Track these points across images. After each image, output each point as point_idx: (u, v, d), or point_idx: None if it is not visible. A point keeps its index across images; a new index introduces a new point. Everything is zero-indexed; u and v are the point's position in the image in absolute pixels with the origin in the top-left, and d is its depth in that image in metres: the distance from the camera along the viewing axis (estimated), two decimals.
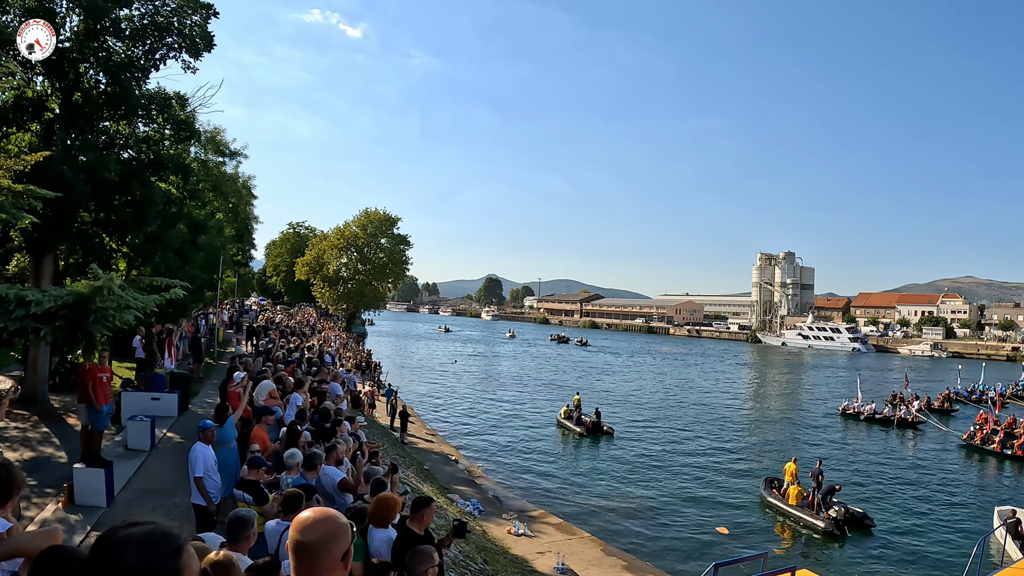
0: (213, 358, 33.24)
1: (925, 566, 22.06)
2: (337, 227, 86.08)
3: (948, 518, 27.55)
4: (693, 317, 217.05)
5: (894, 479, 33.44)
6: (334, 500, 9.22)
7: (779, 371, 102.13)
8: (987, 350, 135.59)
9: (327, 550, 2.70)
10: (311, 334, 47.97)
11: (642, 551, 21.75)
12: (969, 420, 48.95)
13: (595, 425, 40.14)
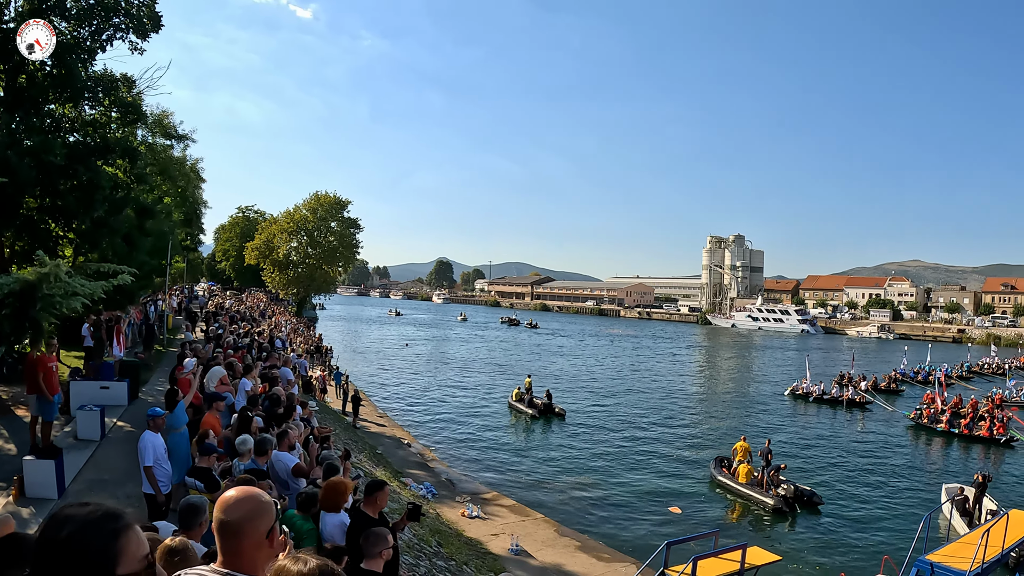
0: (163, 345, 32.87)
1: (873, 542, 22.49)
2: (287, 211, 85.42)
3: (896, 496, 28.09)
4: (644, 299, 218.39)
5: (843, 458, 34.04)
6: (288, 486, 9.24)
7: (729, 352, 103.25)
8: (933, 332, 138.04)
9: (252, 528, 2.74)
10: (261, 319, 47.66)
11: (595, 531, 21.98)
12: (915, 400, 49.92)
13: (547, 407, 40.43)
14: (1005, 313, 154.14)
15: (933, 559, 11.96)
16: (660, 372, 69.73)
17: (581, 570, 17.77)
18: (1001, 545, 12.20)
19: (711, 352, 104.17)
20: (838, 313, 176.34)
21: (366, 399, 37.50)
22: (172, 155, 48.24)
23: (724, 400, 54.07)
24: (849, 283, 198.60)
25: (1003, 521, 12.87)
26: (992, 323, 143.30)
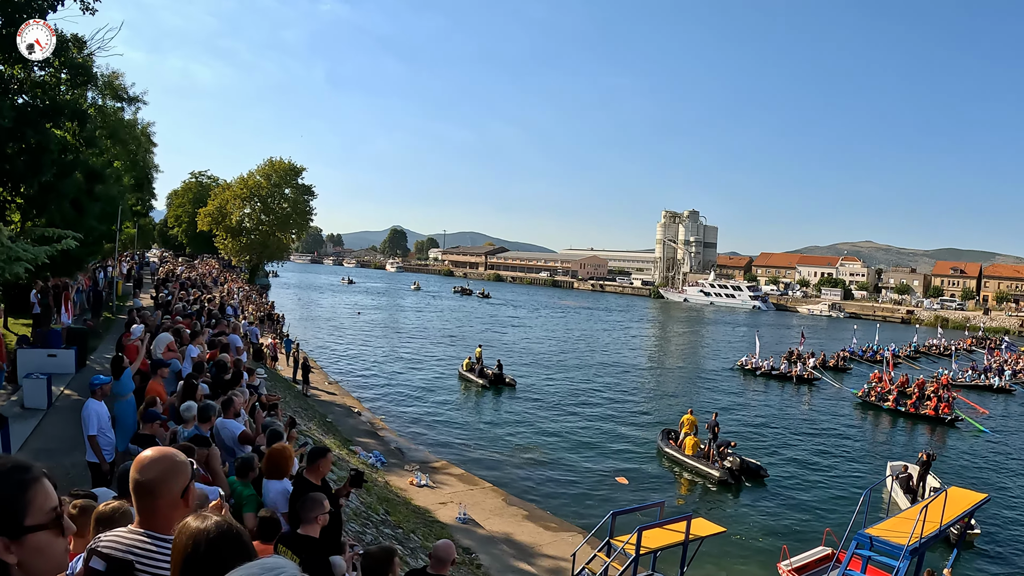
0: (112, 312, 32.48)
1: (816, 514, 22.97)
2: (240, 176, 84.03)
3: (841, 471, 28.62)
4: (597, 272, 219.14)
5: (789, 433, 34.62)
6: (234, 453, 9.25)
7: (680, 326, 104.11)
8: (883, 312, 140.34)
9: (167, 488, 2.78)
10: (213, 286, 47.24)
11: (543, 501, 22.23)
12: (863, 378, 50.76)
13: (497, 377, 40.62)
14: (953, 296, 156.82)
15: (872, 532, 12.24)
16: (611, 344, 70.20)
17: (528, 539, 18.00)
18: (939, 521, 12.51)
19: (663, 326, 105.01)
20: (790, 291, 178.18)
21: (316, 367, 37.41)
22: (123, 118, 47.28)
23: (673, 373, 54.70)
24: (802, 261, 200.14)
25: (942, 498, 13.22)
26: (941, 305, 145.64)
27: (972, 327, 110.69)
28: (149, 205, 75.84)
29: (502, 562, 15.59)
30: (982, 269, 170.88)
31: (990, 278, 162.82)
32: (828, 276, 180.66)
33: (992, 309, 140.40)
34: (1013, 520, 23.51)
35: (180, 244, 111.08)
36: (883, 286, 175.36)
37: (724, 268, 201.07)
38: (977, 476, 27.71)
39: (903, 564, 11.58)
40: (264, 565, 1.54)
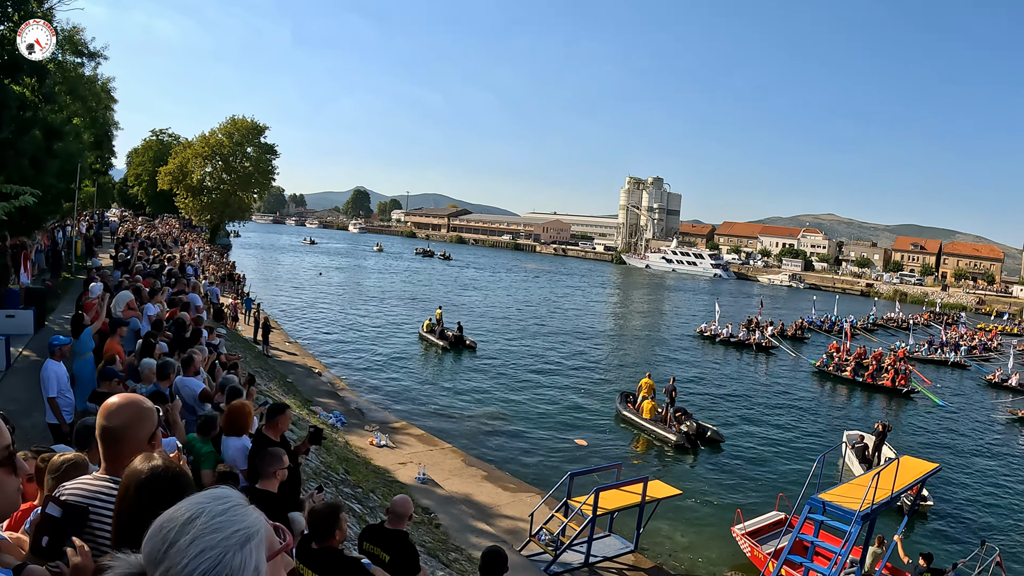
0: (71, 272, 32.07)
1: (770, 480, 23.28)
2: (202, 134, 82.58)
3: (797, 438, 29.02)
4: (560, 236, 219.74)
5: (747, 400, 35.05)
6: (195, 411, 9.26)
7: (641, 292, 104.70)
8: (843, 284, 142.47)
9: (132, 433, 2.82)
10: (174, 246, 46.82)
11: (502, 462, 22.37)
12: (821, 348, 51.54)
13: (458, 339, 40.67)
14: (913, 272, 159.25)
15: (825, 498, 12.45)
16: (572, 309, 70.56)
17: (487, 500, 18.14)
18: (891, 488, 12.74)
19: (624, 291, 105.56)
20: (751, 260, 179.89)
21: (277, 327, 37.22)
22: (82, 74, 46.39)
23: (633, 338, 55.13)
24: (764, 231, 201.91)
25: (894, 465, 13.44)
26: (900, 280, 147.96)
27: (930, 302, 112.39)
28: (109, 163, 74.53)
29: (461, 522, 15.73)
30: (942, 246, 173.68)
31: (949, 255, 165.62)
32: (789, 247, 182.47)
33: (950, 286, 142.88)
34: (964, 491, 24.02)
35: (140, 203, 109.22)
36: (844, 259, 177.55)
37: (687, 236, 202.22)
38: (931, 447, 28.18)
39: (855, 529, 11.81)
40: (211, 495, 1.58)
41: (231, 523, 1.51)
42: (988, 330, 76.69)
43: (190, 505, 1.53)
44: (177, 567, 1.43)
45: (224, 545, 1.46)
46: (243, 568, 1.47)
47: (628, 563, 15.89)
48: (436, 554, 12.85)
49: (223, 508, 1.53)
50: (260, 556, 1.52)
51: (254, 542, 1.51)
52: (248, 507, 1.58)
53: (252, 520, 1.55)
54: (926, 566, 13.66)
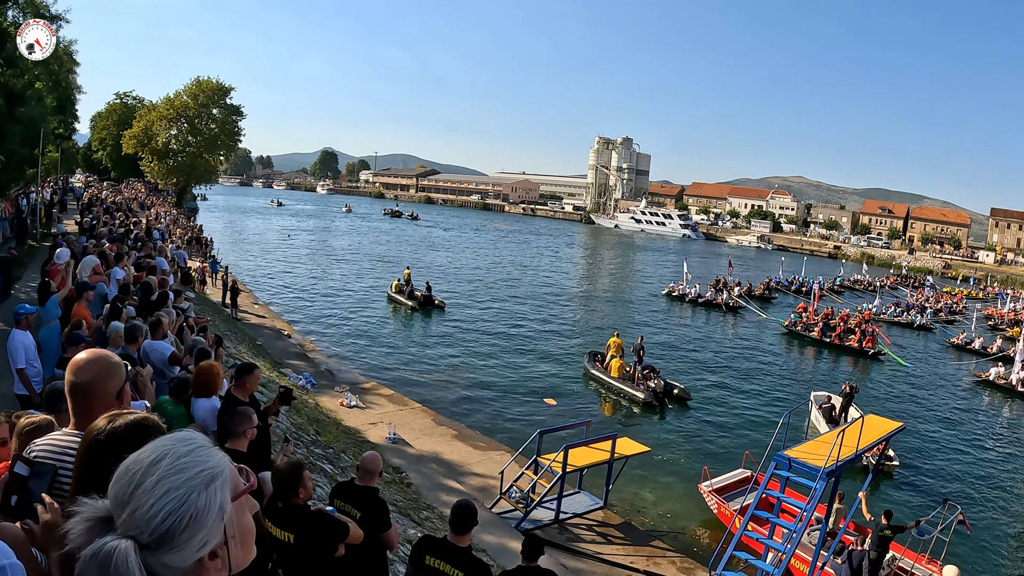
0: (36, 240, 31.67)
1: (737, 438, 23.54)
2: (167, 97, 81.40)
3: (764, 398, 29.36)
4: (529, 196, 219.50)
5: (715, 359, 35.41)
6: (164, 375, 9.23)
7: (610, 252, 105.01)
8: (810, 246, 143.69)
9: (101, 388, 2.84)
10: (140, 211, 46.35)
11: (472, 421, 22.52)
12: (787, 308, 52.13)
13: (427, 299, 40.76)
14: (880, 235, 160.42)
15: (791, 454, 12.62)
16: (541, 268, 70.87)
17: (457, 458, 18.27)
18: (856, 446, 12.92)
19: (593, 251, 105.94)
20: (720, 221, 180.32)
21: (245, 290, 37.04)
22: None
23: (602, 298, 55.49)
24: (733, 193, 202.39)
25: (859, 423, 13.62)
26: (867, 243, 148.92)
27: (897, 266, 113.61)
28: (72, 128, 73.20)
29: (432, 480, 15.84)
30: (909, 210, 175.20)
31: (917, 219, 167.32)
32: (758, 208, 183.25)
33: (917, 250, 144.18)
34: (929, 452, 24.44)
35: (105, 168, 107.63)
36: (812, 221, 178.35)
37: (656, 196, 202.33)
38: (897, 409, 28.39)
39: (820, 485, 12.00)
40: (176, 437, 1.62)
41: (196, 464, 1.54)
42: (954, 294, 77.59)
43: (155, 447, 1.56)
44: (143, 508, 1.46)
45: (189, 485, 1.50)
46: (208, 507, 1.51)
47: (598, 519, 16.08)
48: (408, 513, 12.95)
49: (188, 449, 1.56)
50: (225, 496, 1.55)
51: (218, 482, 1.54)
52: (212, 448, 1.61)
53: (216, 461, 1.58)
54: (887, 523, 13.93)
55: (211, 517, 1.52)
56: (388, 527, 6.25)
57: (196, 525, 1.49)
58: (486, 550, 12.43)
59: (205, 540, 1.51)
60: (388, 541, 6.32)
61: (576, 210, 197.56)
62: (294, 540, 5.26)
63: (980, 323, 53.83)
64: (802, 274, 71.70)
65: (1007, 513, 20.11)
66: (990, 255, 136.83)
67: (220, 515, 1.54)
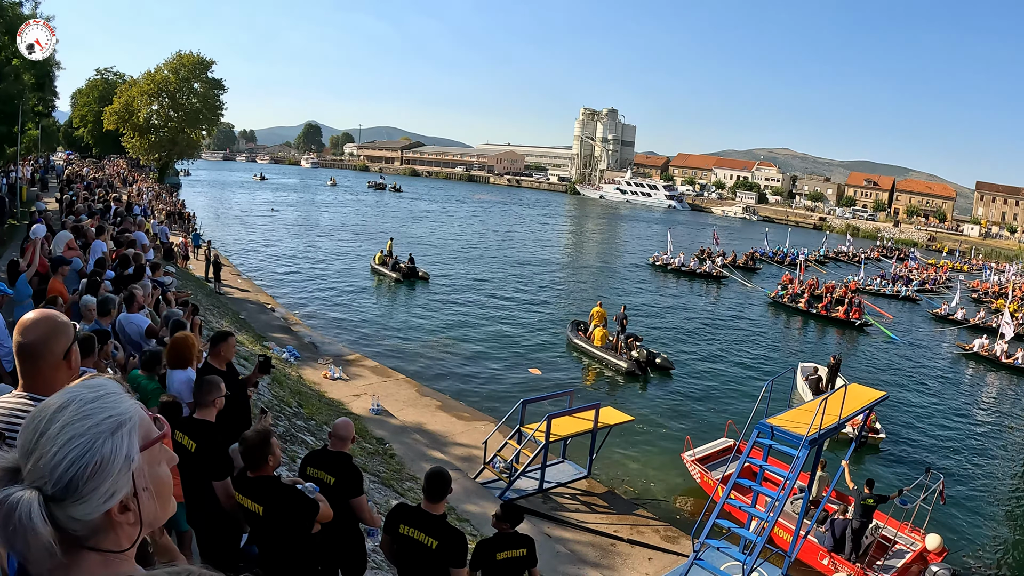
0: (17, 219, 31.38)
1: (720, 407, 23.68)
2: (148, 72, 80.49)
3: (749, 368, 29.45)
4: (514, 167, 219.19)
5: (699, 328, 35.64)
6: (142, 348, 9.14)
7: (595, 223, 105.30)
8: (796, 217, 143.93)
9: (48, 348, 2.79)
10: (122, 187, 46.05)
11: (455, 391, 22.55)
12: (772, 278, 52.44)
13: (410, 271, 40.76)
14: (865, 207, 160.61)
15: (774, 422, 12.60)
16: (526, 240, 71.08)
17: (441, 429, 18.27)
18: (838, 414, 12.91)
19: (578, 222, 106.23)
20: (705, 192, 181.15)
21: (227, 263, 36.88)
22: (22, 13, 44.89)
23: (586, 268, 55.88)
24: (719, 164, 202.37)
25: (841, 392, 13.61)
26: (853, 215, 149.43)
27: (882, 238, 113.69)
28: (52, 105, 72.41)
29: (415, 451, 15.85)
30: (895, 183, 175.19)
31: (902, 192, 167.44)
32: (744, 180, 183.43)
33: (902, 222, 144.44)
34: (913, 422, 24.55)
35: (86, 145, 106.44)
36: (797, 192, 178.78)
37: (641, 167, 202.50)
38: (882, 380, 28.27)
39: (802, 453, 12.00)
40: (85, 384, 1.55)
41: (102, 410, 1.48)
42: (940, 266, 77.95)
43: (62, 394, 1.50)
44: (47, 456, 1.41)
45: (94, 432, 1.44)
46: (114, 455, 1.45)
47: (581, 488, 16.10)
48: (391, 484, 12.95)
49: (95, 396, 1.50)
50: (132, 444, 1.49)
51: (125, 428, 1.48)
52: (122, 395, 1.55)
53: (125, 407, 1.52)
54: (869, 492, 14.00)
55: (117, 466, 1.45)
56: (360, 493, 6.19)
57: (101, 474, 1.43)
58: (470, 520, 12.46)
59: (112, 491, 1.45)
60: (359, 509, 6.24)
61: (561, 181, 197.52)
62: (263, 512, 5.20)
63: (964, 295, 54.07)
64: (786, 245, 71.96)
65: (989, 482, 20.29)
66: (975, 228, 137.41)
67: (128, 464, 1.47)
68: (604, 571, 12.53)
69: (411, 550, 5.69)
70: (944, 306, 47.63)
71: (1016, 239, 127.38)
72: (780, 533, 14.00)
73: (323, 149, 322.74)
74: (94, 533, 1.47)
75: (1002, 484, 20.35)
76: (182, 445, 5.55)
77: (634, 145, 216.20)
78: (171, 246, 31.41)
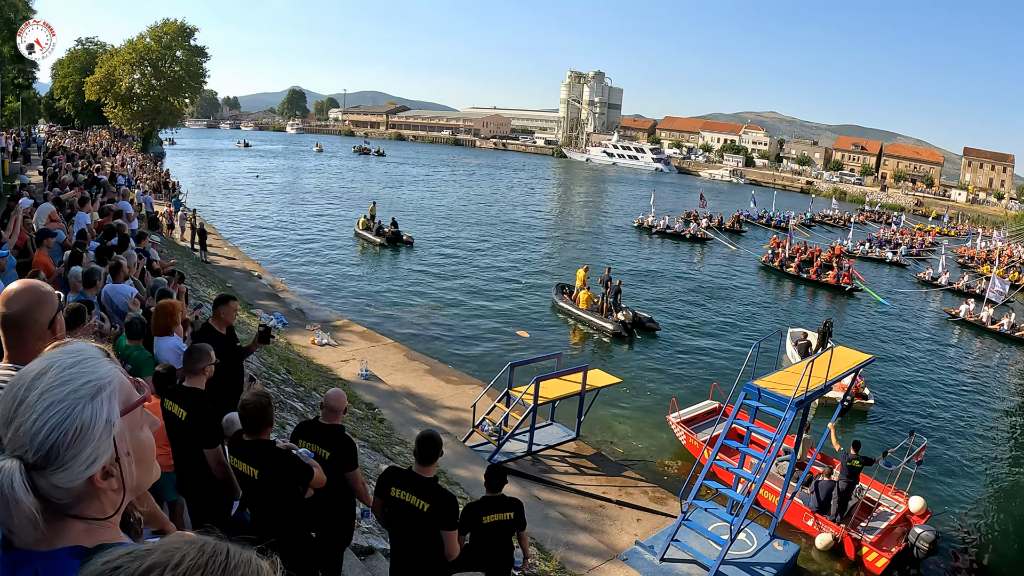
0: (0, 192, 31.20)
1: (706, 369, 23.88)
2: (129, 40, 79.65)
3: (737, 330, 29.64)
4: (500, 131, 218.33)
5: (685, 290, 35.99)
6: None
7: (582, 186, 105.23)
8: (783, 181, 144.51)
9: (32, 318, 2.78)
10: (105, 157, 45.64)
11: (444, 356, 22.63)
12: (757, 241, 52.50)
13: (394, 235, 40.77)
14: (853, 171, 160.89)
15: (761, 384, 12.68)
16: (512, 203, 71.34)
17: (430, 392, 18.35)
18: (825, 376, 12.96)
19: (564, 185, 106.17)
20: (693, 155, 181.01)
21: (213, 231, 36.73)
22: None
23: (573, 231, 56.04)
24: (706, 127, 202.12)
25: (828, 354, 13.67)
26: (840, 179, 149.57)
27: (870, 202, 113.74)
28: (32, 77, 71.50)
29: (404, 415, 15.91)
30: (883, 148, 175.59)
31: (890, 157, 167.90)
32: (731, 143, 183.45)
33: (890, 187, 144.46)
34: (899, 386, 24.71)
35: (68, 117, 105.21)
36: (784, 156, 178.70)
37: (628, 130, 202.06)
38: (869, 344, 28.10)
39: (789, 415, 12.08)
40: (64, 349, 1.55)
41: (81, 375, 1.47)
42: (928, 231, 78.34)
43: (40, 360, 1.49)
44: (27, 423, 1.41)
45: (73, 398, 1.43)
46: (94, 420, 1.44)
47: (570, 451, 16.22)
48: (380, 448, 13.02)
49: (74, 360, 1.49)
50: (112, 408, 1.48)
51: (105, 393, 1.48)
52: (102, 359, 1.54)
53: (104, 372, 1.51)
54: (855, 453, 14.14)
55: (97, 431, 1.45)
56: (355, 467, 6.20)
57: (82, 440, 1.43)
58: (460, 483, 12.55)
59: (93, 456, 1.44)
60: (353, 482, 6.26)
61: (548, 144, 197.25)
62: (258, 476, 5.23)
63: (951, 260, 54.27)
64: (772, 208, 72.01)
65: (972, 446, 20.49)
66: (962, 194, 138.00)
67: (108, 429, 1.47)
68: (594, 533, 12.66)
69: (402, 513, 5.74)
70: (928, 270, 47.79)
71: (1003, 205, 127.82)
72: (766, 495, 14.16)
73: (308, 115, 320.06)
74: (77, 501, 1.47)
75: (985, 448, 20.56)
76: (172, 413, 5.55)
77: (621, 108, 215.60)
78: (155, 215, 31.23)
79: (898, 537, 13.89)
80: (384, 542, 8.67)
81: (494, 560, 6.95)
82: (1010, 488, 18.41)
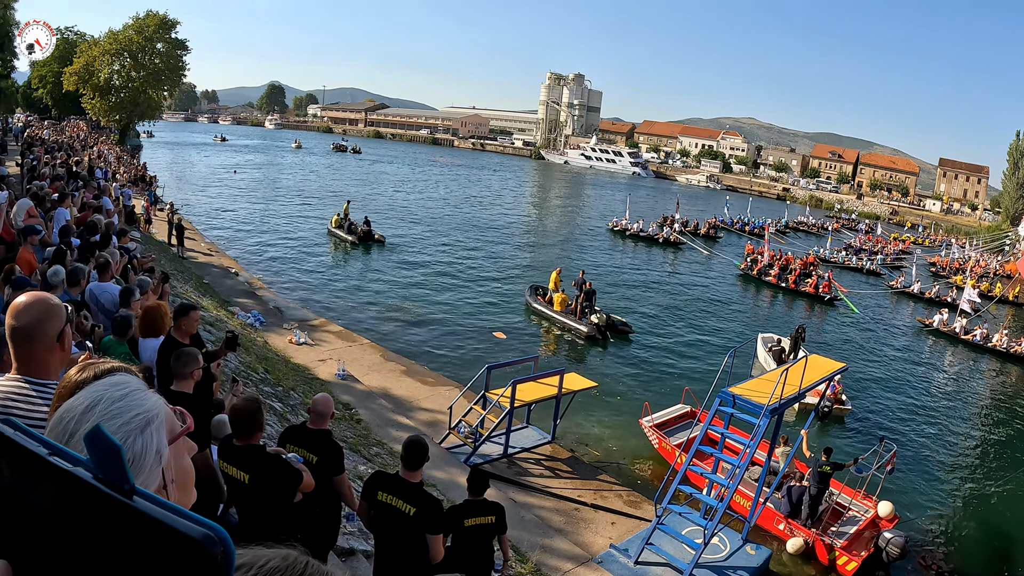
0: None
1: (679, 373, 24.00)
2: (110, 31, 78.97)
3: (712, 335, 29.81)
4: (478, 131, 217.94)
5: (658, 294, 36.16)
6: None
7: (558, 188, 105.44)
8: (759, 187, 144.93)
9: (42, 331, 2.80)
10: (82, 149, 45.33)
11: (421, 357, 22.66)
12: (731, 247, 52.81)
13: (366, 234, 40.77)
14: (829, 179, 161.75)
15: (736, 391, 12.84)
16: (487, 203, 71.36)
17: (406, 394, 18.38)
18: (799, 384, 13.13)
19: (541, 187, 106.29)
20: (670, 159, 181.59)
21: (191, 227, 36.57)
22: None
23: (548, 233, 56.34)
24: (684, 132, 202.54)
25: (802, 363, 13.84)
26: (817, 186, 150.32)
27: (846, 209, 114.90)
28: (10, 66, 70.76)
29: (381, 416, 15.95)
30: (859, 156, 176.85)
31: (866, 165, 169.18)
32: (709, 148, 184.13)
33: (866, 195, 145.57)
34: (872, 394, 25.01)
35: (46, 107, 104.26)
36: (762, 162, 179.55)
37: (607, 133, 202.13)
38: (843, 352, 28.52)
39: (763, 422, 12.25)
40: (109, 382, 1.60)
41: (130, 408, 1.51)
42: (903, 240, 79.06)
43: (88, 394, 1.53)
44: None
45: (124, 430, 1.47)
46: (145, 452, 1.48)
47: (546, 454, 16.33)
48: (358, 449, 13.06)
49: (122, 394, 1.53)
50: (162, 439, 1.53)
51: (154, 425, 1.52)
52: (147, 391, 1.59)
53: (151, 404, 1.55)
54: (826, 459, 14.37)
55: (149, 462, 1.49)
56: (341, 471, 6.29)
57: (134, 471, 1.42)
58: (436, 485, 12.61)
59: (144, 486, 1.44)
60: (340, 486, 6.34)
61: (526, 146, 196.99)
62: (249, 480, 5.31)
63: (923, 269, 54.75)
64: (748, 214, 72.44)
65: (941, 453, 20.88)
66: (936, 204, 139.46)
67: (158, 459, 1.52)
68: (569, 536, 12.77)
69: (389, 517, 5.83)
70: (900, 279, 48.30)
71: (976, 216, 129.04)
72: (738, 499, 14.33)
73: (287, 110, 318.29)
74: None
75: (953, 456, 20.95)
76: None
77: (600, 111, 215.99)
78: (133, 209, 31.08)
79: (868, 541, 14.14)
80: (364, 544, 8.77)
81: (474, 563, 7.04)
82: (977, 493, 18.76)
